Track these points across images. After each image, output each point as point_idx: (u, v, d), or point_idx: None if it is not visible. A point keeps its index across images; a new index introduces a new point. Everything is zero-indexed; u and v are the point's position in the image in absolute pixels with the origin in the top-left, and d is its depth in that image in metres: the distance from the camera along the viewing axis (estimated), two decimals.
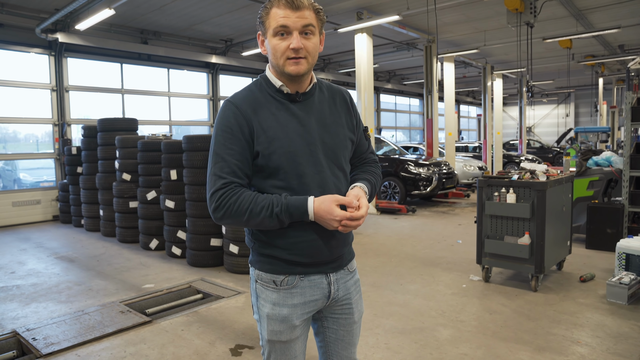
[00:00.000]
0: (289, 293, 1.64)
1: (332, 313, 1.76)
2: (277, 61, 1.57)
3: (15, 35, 9.60)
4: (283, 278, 1.64)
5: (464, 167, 13.11)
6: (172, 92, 12.65)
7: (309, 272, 1.65)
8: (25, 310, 4.53)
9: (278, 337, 1.66)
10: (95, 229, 8.45)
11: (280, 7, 1.53)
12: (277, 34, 1.54)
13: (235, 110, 1.59)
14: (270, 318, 1.66)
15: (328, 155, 1.64)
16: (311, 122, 1.63)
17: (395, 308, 4.33)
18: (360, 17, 9.91)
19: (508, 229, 4.81)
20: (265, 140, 1.57)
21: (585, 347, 3.44)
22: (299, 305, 1.65)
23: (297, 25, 1.53)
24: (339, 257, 1.70)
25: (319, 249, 1.62)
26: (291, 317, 1.65)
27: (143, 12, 9.94)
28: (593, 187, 6.69)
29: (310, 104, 1.65)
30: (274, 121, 1.59)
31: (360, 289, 1.84)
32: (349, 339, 1.80)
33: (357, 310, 1.80)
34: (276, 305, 1.65)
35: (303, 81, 1.63)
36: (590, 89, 22.90)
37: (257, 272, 1.69)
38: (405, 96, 22.42)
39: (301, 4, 1.53)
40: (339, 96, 1.76)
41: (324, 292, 1.68)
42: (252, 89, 1.66)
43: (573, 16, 10.91)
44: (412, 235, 7.61)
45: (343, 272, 1.74)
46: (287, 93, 1.62)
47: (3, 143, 10.28)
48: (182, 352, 3.51)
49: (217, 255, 5.89)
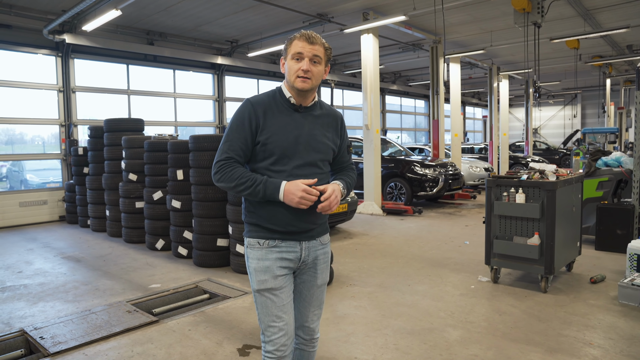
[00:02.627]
0: (270, 250, 2.12)
1: (300, 276, 2.24)
2: (290, 77, 2.10)
3: (23, 36, 9.64)
4: (265, 241, 2.13)
5: (470, 169, 13.05)
6: (177, 93, 12.67)
7: (285, 239, 2.13)
8: (33, 309, 4.52)
9: (265, 285, 2.10)
10: (102, 229, 8.45)
11: (301, 40, 2.08)
12: (294, 58, 2.09)
13: (251, 108, 2.11)
14: (256, 270, 2.12)
15: (311, 153, 2.13)
16: (305, 127, 2.13)
17: (403, 309, 4.29)
18: (366, 17, 9.89)
19: (517, 230, 4.76)
20: (267, 134, 2.08)
21: (598, 349, 3.39)
22: (278, 259, 2.12)
23: (309, 54, 2.07)
24: (310, 229, 2.16)
25: (292, 222, 2.09)
26: (272, 267, 2.11)
27: (149, 13, 9.96)
28: (602, 188, 6.63)
29: (308, 116, 2.17)
30: (277, 122, 2.10)
31: (328, 260, 2.31)
32: (309, 298, 2.26)
33: (321, 277, 2.27)
34: (260, 260, 2.12)
35: (307, 97, 2.16)
36: (597, 90, 22.75)
37: (247, 239, 2.19)
38: (411, 97, 22.37)
39: (315, 41, 2.08)
40: (333, 117, 2.28)
41: (296, 255, 2.15)
42: (269, 95, 2.17)
43: (581, 16, 10.84)
44: (418, 236, 7.57)
45: (315, 242, 2.21)
46: (293, 103, 2.14)
47: (10, 144, 10.32)
48: (190, 352, 3.49)
49: (224, 255, 5.87)
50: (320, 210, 2.05)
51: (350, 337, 3.68)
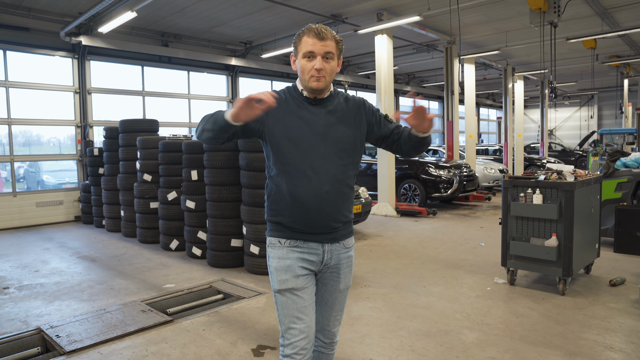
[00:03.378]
0: (291, 250, 2.06)
1: (322, 280, 2.16)
2: (303, 77, 2.02)
3: (41, 38, 9.78)
4: (287, 240, 2.07)
5: (484, 170, 12.91)
6: (192, 95, 12.74)
7: (308, 239, 2.06)
8: (49, 307, 4.56)
9: (285, 285, 2.03)
10: (116, 229, 8.52)
11: (310, 36, 1.98)
12: (305, 57, 2.00)
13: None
14: (277, 269, 2.06)
15: (330, 145, 2.04)
16: (320, 119, 2.05)
17: (419, 310, 4.24)
18: (380, 18, 9.85)
19: (534, 231, 4.68)
20: (281, 127, 2.02)
21: (620, 353, 3.31)
22: (299, 259, 2.05)
23: (321, 52, 1.97)
24: (331, 230, 2.07)
25: (312, 220, 2.02)
26: (293, 266, 2.04)
27: (164, 14, 10.03)
28: (621, 189, 6.50)
29: (325, 107, 2.08)
30: (291, 114, 2.04)
31: (351, 265, 2.21)
32: (331, 302, 2.19)
33: (344, 282, 2.18)
34: (281, 258, 2.06)
35: (322, 93, 2.07)
36: (614, 91, 22.37)
37: (269, 238, 2.13)
38: (425, 99, 22.23)
39: (325, 36, 1.98)
40: (352, 102, 2.16)
41: (319, 257, 2.08)
42: (283, 90, 2.13)
43: (598, 15, 10.67)
44: (433, 238, 7.50)
45: (338, 246, 2.12)
46: (306, 96, 2.07)
47: (27, 146, 10.46)
48: (204, 352, 3.48)
49: (238, 256, 5.88)
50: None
51: (365, 339, 3.64)
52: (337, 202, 2.03)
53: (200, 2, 9.23)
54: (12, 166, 9.65)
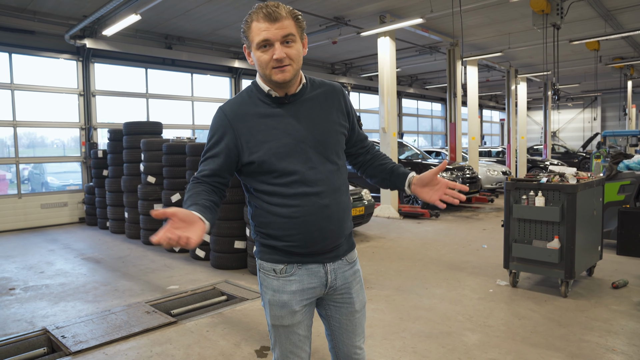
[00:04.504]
0: (288, 280, 1.76)
1: (333, 302, 1.87)
2: (264, 71, 1.65)
3: (46, 41, 9.87)
4: (282, 267, 1.76)
5: (487, 172, 12.92)
6: (195, 97, 12.80)
7: (306, 262, 1.76)
8: (55, 308, 4.60)
9: (280, 322, 1.78)
10: (120, 231, 8.57)
11: (260, 21, 1.60)
12: (260, 47, 1.62)
13: (224, 119, 1.72)
14: (271, 304, 1.79)
15: (318, 150, 1.71)
16: (300, 120, 1.70)
17: (421, 312, 4.26)
18: (383, 20, 9.88)
19: (536, 233, 4.70)
20: (256, 144, 1.67)
21: (622, 356, 3.32)
22: (298, 292, 1.77)
23: (278, 37, 1.60)
24: (334, 247, 1.79)
25: (313, 240, 1.72)
26: (290, 302, 1.76)
27: (167, 17, 10.09)
28: (624, 192, 6.50)
29: (300, 104, 1.73)
30: (262, 125, 1.68)
31: (360, 279, 1.93)
32: (352, 328, 1.90)
33: (359, 300, 1.90)
34: (276, 292, 1.77)
35: (291, 85, 1.70)
36: (618, 93, 22.34)
37: (259, 261, 1.82)
38: (428, 101, 22.24)
39: (279, 15, 1.59)
40: (330, 92, 1.81)
41: (321, 281, 1.79)
42: (243, 96, 1.76)
43: (601, 17, 10.67)
44: (436, 240, 7.51)
45: (341, 263, 1.83)
46: (275, 97, 1.71)
47: (32, 148, 10.53)
48: (208, 353, 3.51)
49: (241, 257, 5.91)
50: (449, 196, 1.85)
51: (368, 340, 3.66)
52: (338, 215, 1.75)
53: (204, 5, 9.29)
54: (17, 168, 9.71)
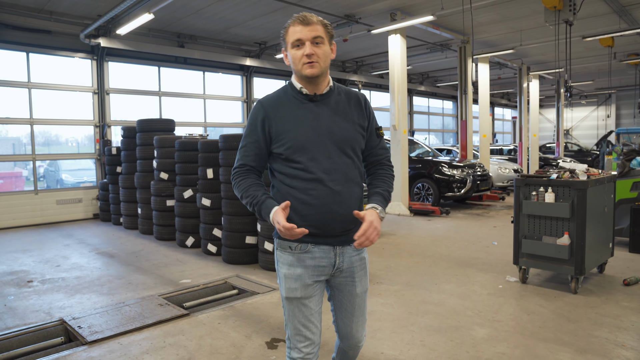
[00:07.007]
0: (302, 256, 2.00)
1: (338, 283, 2.10)
2: (296, 67, 1.96)
3: (62, 41, 10.06)
4: (297, 245, 2.00)
5: (499, 170, 12.85)
6: (207, 95, 12.92)
7: (319, 242, 1.99)
8: (71, 300, 4.72)
9: (294, 294, 2.00)
10: (134, 226, 8.70)
11: (295, 25, 1.95)
12: (294, 46, 1.95)
13: (262, 110, 2.02)
14: (287, 277, 2.02)
15: (336, 144, 1.98)
16: (324, 116, 1.99)
17: (430, 307, 4.30)
18: (393, 18, 9.89)
19: (546, 229, 4.70)
20: (283, 132, 1.97)
21: (631, 351, 3.33)
22: (310, 267, 2.01)
23: (309, 37, 1.92)
24: (344, 232, 2.01)
25: (325, 222, 1.96)
26: (304, 276, 2.00)
27: (180, 16, 10.20)
28: (637, 189, 6.45)
29: (326, 103, 2.02)
30: (292, 117, 1.98)
31: (366, 267, 2.14)
32: (350, 308, 2.12)
33: (360, 285, 2.12)
34: (291, 266, 2.01)
35: (319, 83, 2.00)
36: (633, 90, 22.04)
37: (277, 240, 2.07)
38: (439, 98, 22.17)
39: (311, 21, 1.94)
40: (354, 98, 2.10)
41: (330, 261, 2.02)
42: (280, 92, 2.07)
43: (615, 12, 10.56)
44: (446, 237, 7.52)
45: (350, 248, 2.06)
46: (306, 94, 2.00)
47: (47, 146, 10.72)
48: (220, 344, 3.58)
49: (252, 252, 5.98)
50: (359, 246, 1.89)
51: (377, 333, 3.71)
52: (349, 202, 1.98)
53: (216, 3, 9.38)
54: (34, 165, 9.90)
